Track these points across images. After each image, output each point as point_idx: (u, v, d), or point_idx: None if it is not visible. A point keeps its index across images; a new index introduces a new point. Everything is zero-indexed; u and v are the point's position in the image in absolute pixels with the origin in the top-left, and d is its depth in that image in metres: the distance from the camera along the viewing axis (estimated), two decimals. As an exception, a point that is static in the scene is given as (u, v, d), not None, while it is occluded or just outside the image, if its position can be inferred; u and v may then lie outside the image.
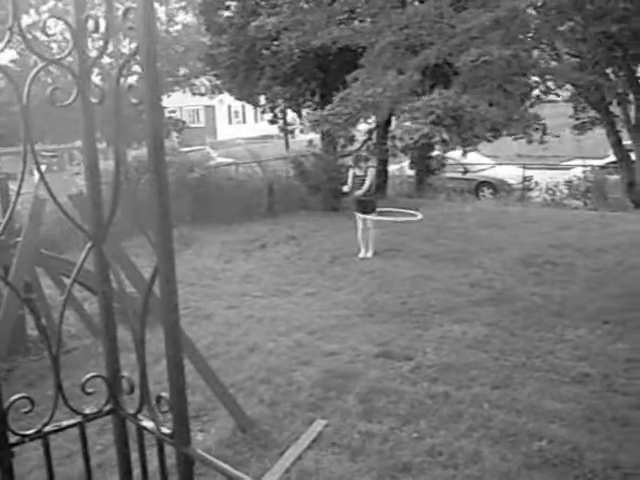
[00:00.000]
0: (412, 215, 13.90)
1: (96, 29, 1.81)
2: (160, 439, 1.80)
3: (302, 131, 23.69)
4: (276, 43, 17.71)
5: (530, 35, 12.28)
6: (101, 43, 1.79)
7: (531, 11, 11.72)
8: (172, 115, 38.55)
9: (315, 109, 20.67)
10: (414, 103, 10.67)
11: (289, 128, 24.50)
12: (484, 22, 9.95)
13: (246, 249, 14.94)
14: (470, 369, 7.63)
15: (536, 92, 16.74)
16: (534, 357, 7.98)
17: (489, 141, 17.63)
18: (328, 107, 12.68)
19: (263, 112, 23.53)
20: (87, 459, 2.13)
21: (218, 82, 23.19)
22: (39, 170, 1.89)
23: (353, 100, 11.31)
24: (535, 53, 13.51)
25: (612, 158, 20.33)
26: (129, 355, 1.87)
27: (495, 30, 10.25)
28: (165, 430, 1.77)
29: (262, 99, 22.58)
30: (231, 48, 19.70)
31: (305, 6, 16.43)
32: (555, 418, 6.40)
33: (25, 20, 25.56)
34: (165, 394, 1.73)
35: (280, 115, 23.29)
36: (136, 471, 2.03)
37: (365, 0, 13.69)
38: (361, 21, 13.73)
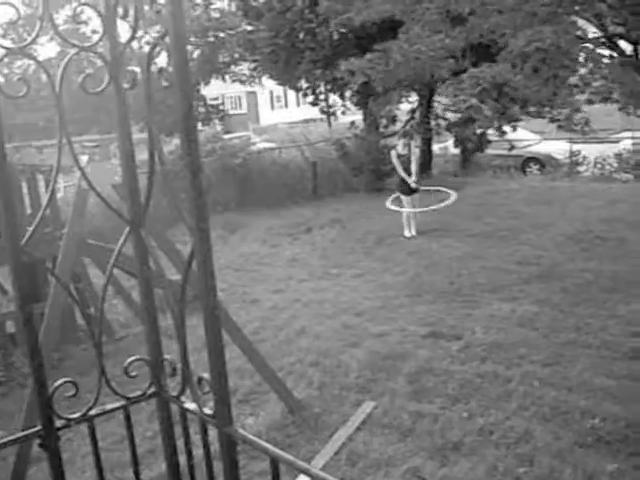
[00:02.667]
0: (446, 195, 13.74)
1: (125, 15, 1.80)
2: (203, 420, 1.80)
3: (344, 113, 23.59)
4: (314, 25, 17.67)
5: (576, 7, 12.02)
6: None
7: None
8: (213, 103, 38.69)
9: (357, 91, 20.56)
10: (460, 75, 10.51)
11: (331, 110, 24.38)
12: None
13: (291, 233, 14.98)
14: (519, 347, 7.55)
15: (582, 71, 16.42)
16: (585, 334, 7.86)
17: (532, 117, 17.43)
18: (367, 56, 12.50)
19: (305, 95, 23.44)
20: (133, 442, 2.15)
21: (258, 68, 23.12)
22: (76, 160, 1.90)
23: (394, 54, 11.15)
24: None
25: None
26: (175, 343, 1.87)
27: (546, 6, 10.00)
28: (207, 411, 1.78)
29: (303, 83, 22.50)
30: (270, 33, 19.65)
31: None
32: (607, 395, 6.29)
33: (63, 13, 25.91)
34: (206, 375, 1.73)
35: (322, 97, 23.18)
36: (183, 456, 2.04)
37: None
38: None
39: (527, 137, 23.98)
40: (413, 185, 13.46)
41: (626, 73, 11.87)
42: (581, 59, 13.12)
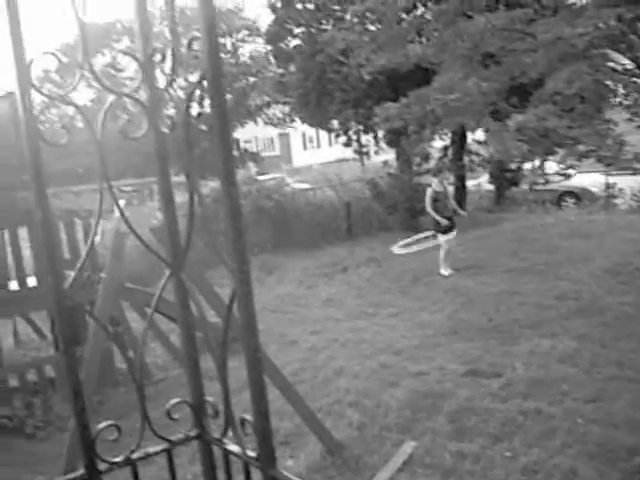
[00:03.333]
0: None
1: (163, 59, 1.83)
2: (246, 462, 1.79)
3: (377, 152, 23.67)
4: (344, 67, 17.82)
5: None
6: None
7: None
8: (247, 147, 39.01)
9: (389, 130, 20.64)
10: (507, 121, 10.45)
11: (364, 150, 24.49)
12: (569, 36, 9.62)
13: (327, 273, 14.98)
14: (561, 383, 7.44)
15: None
16: (627, 368, 7.73)
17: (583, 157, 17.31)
18: (403, 101, 12.53)
19: (337, 136, 23.58)
20: (176, 486, 2.14)
21: (290, 110, 23.37)
22: (117, 204, 1.93)
23: (430, 99, 11.15)
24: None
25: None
26: (216, 384, 1.87)
27: (579, 44, 9.93)
28: (250, 453, 1.77)
29: (335, 123, 22.65)
30: (300, 76, 19.86)
31: (372, 27, 16.46)
32: (654, 431, 6.18)
33: (100, 60, 26.39)
34: (249, 416, 1.73)
35: (354, 137, 23.32)
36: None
37: (435, 17, 13.56)
38: (428, 39, 13.66)
39: (562, 170, 23.83)
40: (444, 222, 13.43)
41: None
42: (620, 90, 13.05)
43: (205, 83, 1.63)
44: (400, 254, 13.64)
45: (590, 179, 23.23)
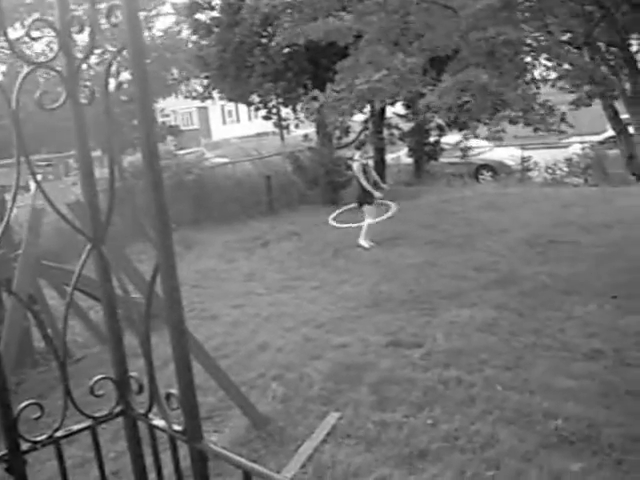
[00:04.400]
0: (388, 207, 13.79)
1: (81, 29, 1.79)
2: (172, 436, 1.78)
3: (297, 126, 23.63)
4: (263, 39, 17.70)
5: (526, 14, 12.14)
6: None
7: None
8: (165, 120, 38.39)
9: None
10: (443, 84, 10.52)
11: (284, 123, 24.43)
12: (495, 3, 9.76)
13: (248, 247, 14.93)
14: (480, 352, 7.60)
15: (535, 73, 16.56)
16: (544, 336, 7.95)
17: (486, 124, 17.58)
18: (331, 93, 12.50)
19: (257, 109, 23.45)
20: (101, 464, 2.11)
21: (208, 84, 23.08)
22: (35, 179, 1.87)
23: (358, 85, 11.14)
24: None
25: (610, 133, 20.23)
26: (139, 361, 1.85)
27: (502, 12, 10.08)
28: (177, 427, 1.75)
29: (255, 97, 22.51)
30: (219, 48, 19.63)
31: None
32: (569, 396, 6.36)
33: (11, 34, 25.47)
34: (174, 391, 1.71)
35: (274, 111, 23.23)
36: (152, 475, 2.02)
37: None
38: (349, 12, 13.62)
39: (479, 144, 24.28)
40: (377, 194, 13.55)
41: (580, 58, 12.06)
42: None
43: (125, 53, 1.59)
44: (335, 226, 13.69)
45: (506, 152, 23.72)
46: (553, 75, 14.08)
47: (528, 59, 13.30)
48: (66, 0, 1.84)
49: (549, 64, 13.61)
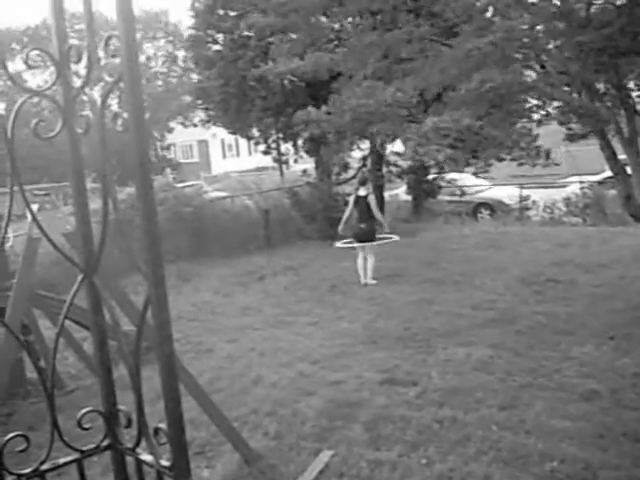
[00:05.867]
0: (389, 238, 13.85)
1: (79, 59, 1.79)
2: (159, 472, 1.75)
3: (296, 161, 23.73)
4: (264, 69, 17.82)
5: (521, 55, 12.28)
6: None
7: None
8: (165, 154, 38.61)
9: (309, 139, 20.73)
10: (421, 126, 10.63)
11: (283, 158, 24.54)
12: (483, 46, 9.89)
13: (244, 282, 14.91)
14: (476, 391, 7.53)
15: (535, 116, 16.69)
16: (540, 376, 7.89)
17: (489, 165, 17.68)
18: (323, 108, 12.60)
19: (257, 144, 23.57)
20: (87, 498, 2.07)
21: (210, 117, 23.23)
22: (30, 208, 1.87)
23: (348, 109, 11.25)
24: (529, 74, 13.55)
25: (608, 173, 20.29)
26: (130, 394, 1.82)
27: (493, 53, 10.22)
28: (164, 463, 1.72)
29: (255, 131, 22.62)
30: (221, 82, 19.77)
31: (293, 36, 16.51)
32: (565, 437, 6.30)
33: (10, 66, 25.77)
34: (163, 426, 1.68)
35: (274, 146, 23.33)
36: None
37: (353, 26, 13.68)
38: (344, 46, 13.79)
39: (477, 182, 24.40)
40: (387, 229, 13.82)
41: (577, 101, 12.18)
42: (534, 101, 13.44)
43: (122, 84, 1.58)
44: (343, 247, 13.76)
45: (505, 191, 23.82)
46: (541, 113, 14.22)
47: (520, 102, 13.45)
48: (64, 30, 1.85)
49: (535, 102, 13.77)
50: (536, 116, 14.56)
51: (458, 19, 11.19)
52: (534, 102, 13.85)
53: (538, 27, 11.52)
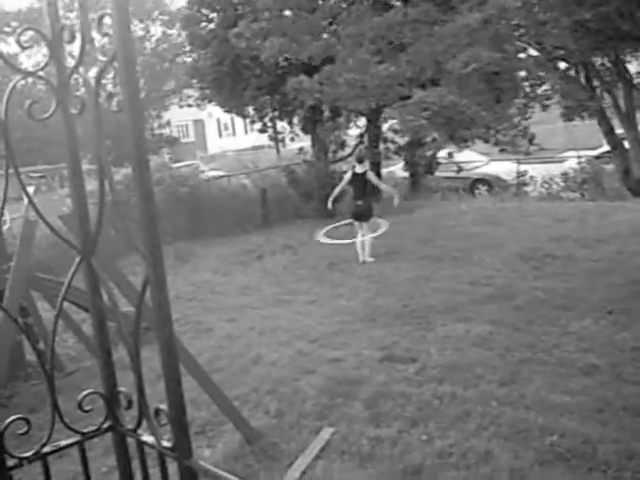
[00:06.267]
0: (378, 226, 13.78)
1: (72, 39, 1.76)
2: (161, 453, 1.74)
3: (293, 139, 23.65)
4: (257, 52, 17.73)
5: (517, 33, 12.23)
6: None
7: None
8: (162, 132, 38.43)
9: (305, 117, 20.66)
10: (407, 100, 10.62)
11: (279, 137, 24.46)
12: (473, 23, 9.84)
13: (243, 261, 14.90)
14: (475, 367, 7.55)
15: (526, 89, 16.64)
16: (539, 351, 7.91)
17: (481, 140, 17.63)
18: (316, 78, 12.55)
19: (252, 122, 23.48)
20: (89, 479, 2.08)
21: (204, 96, 23.13)
22: (25, 191, 1.85)
23: (340, 81, 11.22)
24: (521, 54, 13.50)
25: (606, 147, 20.30)
26: (130, 375, 1.81)
27: (484, 30, 10.16)
28: (166, 443, 1.72)
29: (250, 110, 22.53)
30: (215, 61, 19.66)
31: (287, 13, 16.42)
32: (565, 411, 6.32)
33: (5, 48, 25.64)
34: (164, 406, 1.68)
35: (269, 124, 23.25)
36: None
37: (347, 6, 13.60)
38: (343, 29, 13.68)
39: (474, 159, 24.35)
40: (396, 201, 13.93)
41: (570, 83, 12.15)
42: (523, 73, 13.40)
43: (116, 63, 1.56)
44: (324, 242, 13.64)
45: (502, 167, 23.77)
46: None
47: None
48: (56, 9, 1.82)
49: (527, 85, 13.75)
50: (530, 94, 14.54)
51: None
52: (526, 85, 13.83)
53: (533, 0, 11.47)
